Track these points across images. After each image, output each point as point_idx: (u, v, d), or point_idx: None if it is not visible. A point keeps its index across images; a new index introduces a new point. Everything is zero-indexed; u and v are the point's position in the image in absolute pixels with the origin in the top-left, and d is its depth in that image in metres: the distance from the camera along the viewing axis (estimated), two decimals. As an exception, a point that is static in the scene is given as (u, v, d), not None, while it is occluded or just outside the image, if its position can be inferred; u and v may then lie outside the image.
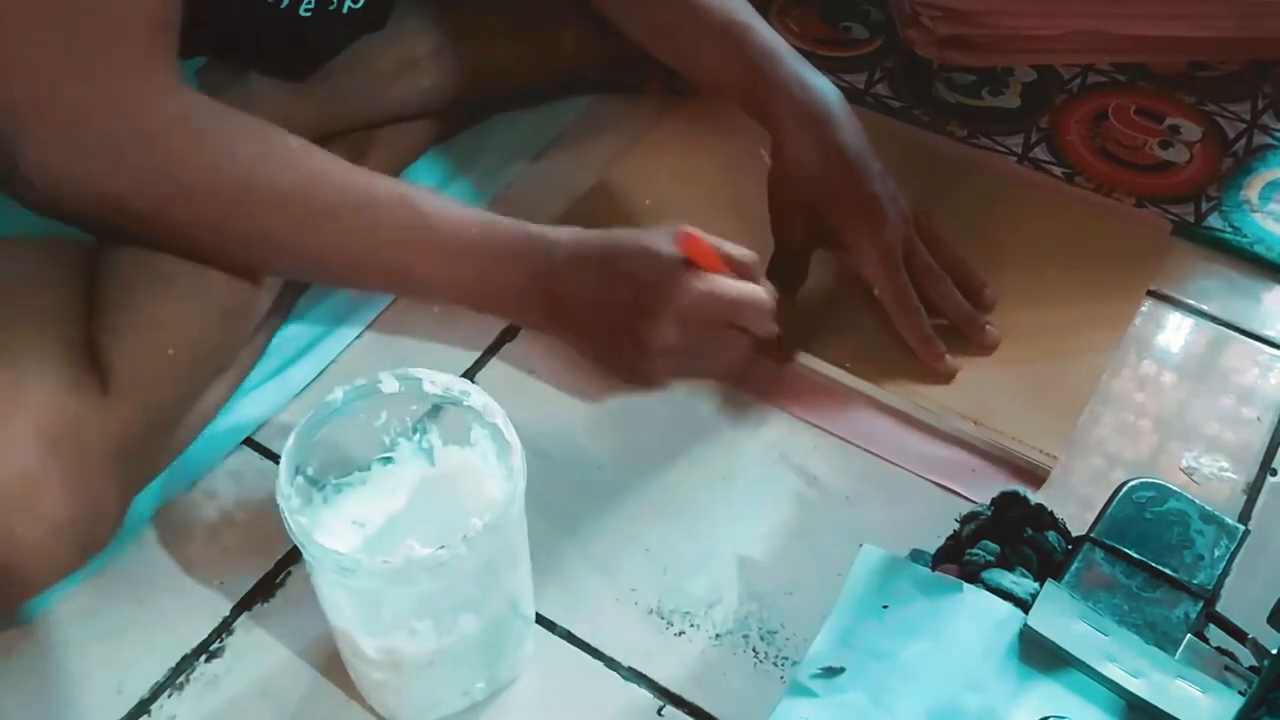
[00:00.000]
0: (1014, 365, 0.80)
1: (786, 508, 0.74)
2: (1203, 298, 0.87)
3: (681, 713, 0.66)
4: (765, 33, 0.79)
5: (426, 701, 0.64)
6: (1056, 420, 0.78)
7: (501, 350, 0.82)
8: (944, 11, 0.99)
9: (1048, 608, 0.62)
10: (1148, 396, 0.81)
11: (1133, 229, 0.91)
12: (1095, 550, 0.64)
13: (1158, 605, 0.62)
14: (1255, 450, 0.78)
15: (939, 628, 0.63)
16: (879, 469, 0.76)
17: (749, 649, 0.68)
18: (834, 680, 0.62)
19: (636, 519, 0.74)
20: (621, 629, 0.69)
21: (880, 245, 0.77)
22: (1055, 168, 0.96)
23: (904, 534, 0.70)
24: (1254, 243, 0.90)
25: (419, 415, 0.64)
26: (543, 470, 0.75)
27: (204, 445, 0.75)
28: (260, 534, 0.72)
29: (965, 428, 0.77)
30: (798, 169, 0.77)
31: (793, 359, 0.81)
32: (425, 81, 0.89)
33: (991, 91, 1.02)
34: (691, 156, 0.93)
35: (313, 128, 0.82)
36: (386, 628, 0.59)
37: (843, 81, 1.01)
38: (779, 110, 0.77)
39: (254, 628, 0.69)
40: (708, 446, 0.77)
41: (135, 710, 0.65)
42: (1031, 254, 0.87)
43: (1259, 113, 1.01)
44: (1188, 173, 0.96)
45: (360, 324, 0.83)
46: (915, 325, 0.79)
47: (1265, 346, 0.84)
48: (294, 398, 0.79)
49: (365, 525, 0.62)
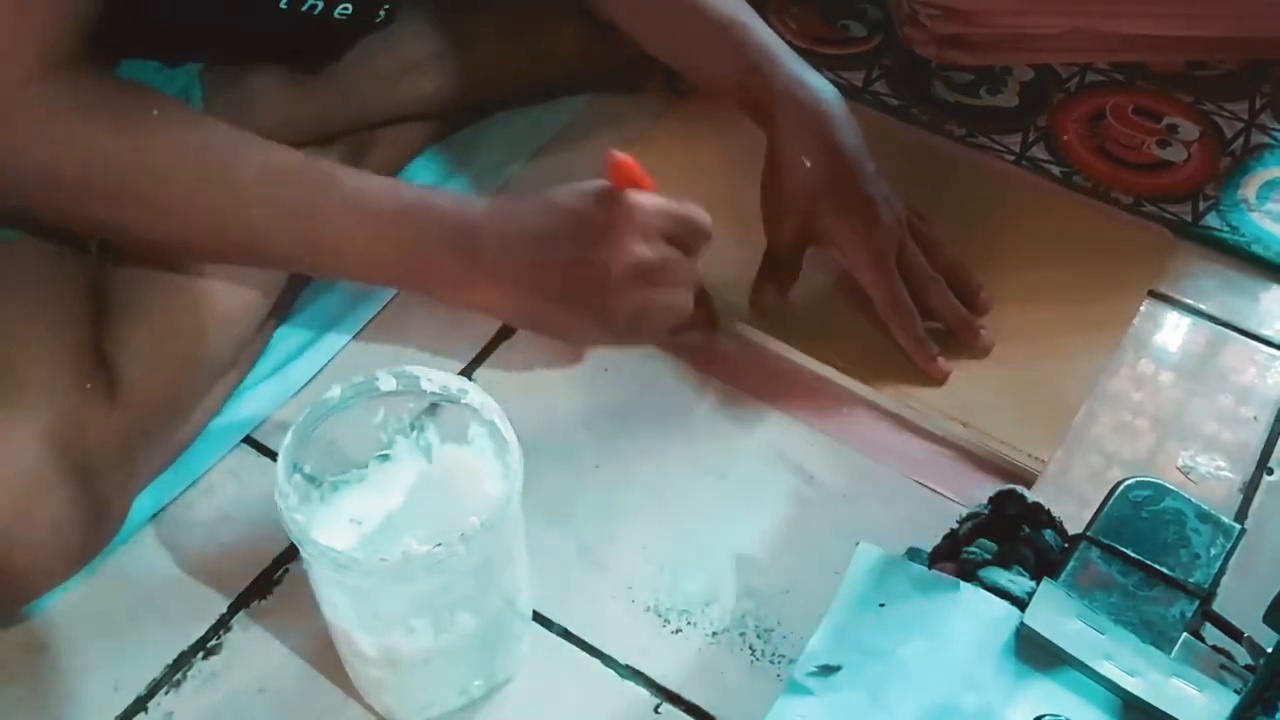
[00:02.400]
0: (1008, 367, 0.80)
1: (783, 506, 0.74)
2: (1200, 297, 0.87)
3: (678, 710, 0.66)
4: (763, 32, 0.79)
5: (424, 699, 0.64)
6: (1047, 424, 0.78)
7: (499, 349, 0.82)
8: (942, 10, 0.99)
9: (1044, 606, 0.62)
10: (1145, 395, 0.81)
11: (1132, 230, 0.91)
12: (1092, 549, 0.64)
13: (1154, 604, 0.62)
14: (1252, 449, 0.78)
15: (936, 626, 0.63)
16: (876, 468, 0.76)
17: (746, 647, 0.68)
18: (830, 678, 0.62)
19: (634, 517, 0.74)
20: (618, 627, 0.69)
21: (872, 247, 0.77)
22: (1053, 167, 0.96)
23: (901, 532, 0.70)
24: (1251, 242, 0.90)
25: (416, 413, 0.64)
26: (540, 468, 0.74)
27: (203, 443, 0.75)
28: (258, 531, 0.72)
29: (954, 429, 0.77)
30: (792, 168, 0.77)
31: (719, 326, 0.81)
32: (427, 83, 0.89)
33: (990, 90, 1.02)
34: (690, 156, 0.93)
35: (313, 128, 0.82)
36: (384, 625, 0.59)
37: (841, 79, 1.01)
38: (775, 109, 0.77)
39: (251, 625, 0.69)
40: (705, 445, 0.77)
41: (133, 707, 0.65)
42: (1029, 254, 0.87)
43: (1257, 112, 1.01)
44: (1185, 172, 0.96)
45: (359, 323, 0.83)
46: (907, 327, 0.79)
47: (1263, 346, 0.84)
48: (292, 396, 0.79)
49: (363, 523, 0.62)
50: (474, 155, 0.93)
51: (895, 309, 0.78)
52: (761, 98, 0.78)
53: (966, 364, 0.80)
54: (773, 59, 0.78)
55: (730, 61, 0.79)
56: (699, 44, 0.81)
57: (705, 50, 0.80)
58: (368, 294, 0.84)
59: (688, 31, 0.80)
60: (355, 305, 0.83)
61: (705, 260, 0.85)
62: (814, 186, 0.77)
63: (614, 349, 0.81)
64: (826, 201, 0.77)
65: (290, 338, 0.81)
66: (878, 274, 0.78)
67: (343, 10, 0.76)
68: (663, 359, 0.81)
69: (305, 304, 0.83)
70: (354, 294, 0.84)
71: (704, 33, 0.80)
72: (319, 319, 0.83)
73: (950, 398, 0.78)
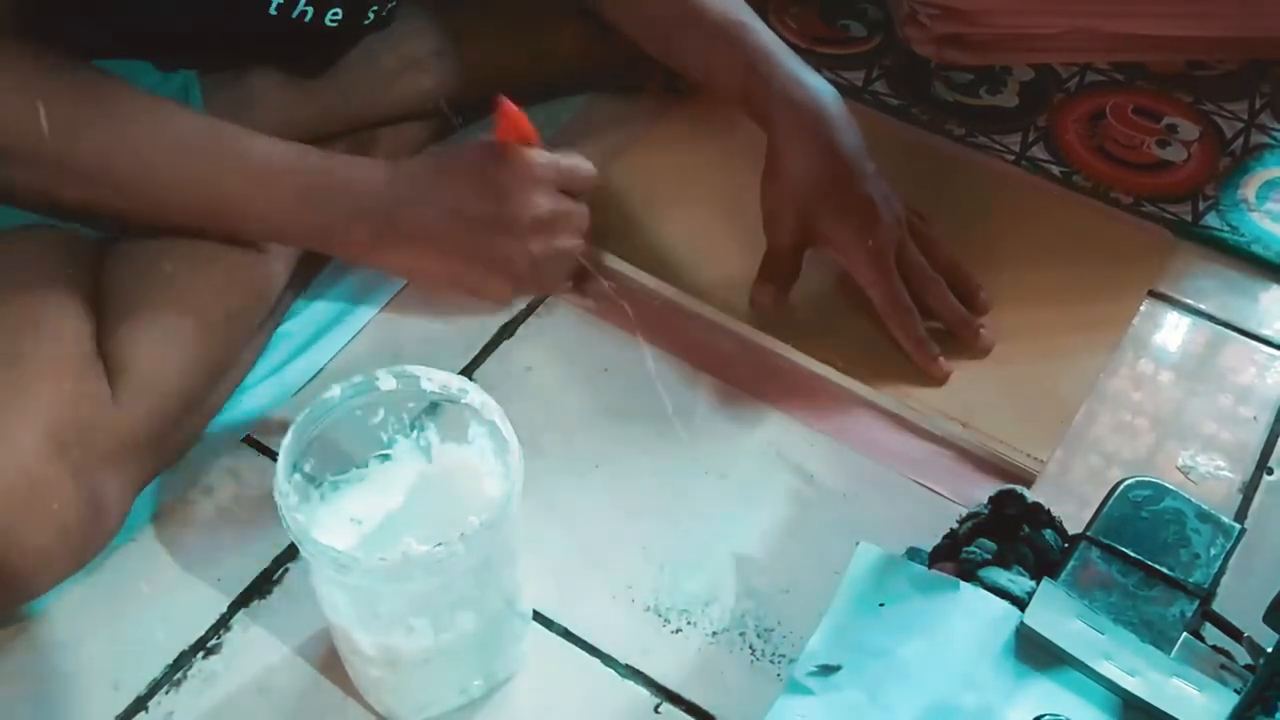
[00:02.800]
0: (1008, 367, 0.80)
1: (783, 506, 0.74)
2: (1200, 297, 0.87)
3: (678, 710, 0.66)
4: (763, 32, 0.79)
5: (423, 699, 0.64)
6: (1046, 424, 0.78)
7: (499, 348, 0.82)
8: (942, 10, 0.99)
9: (1044, 606, 0.62)
10: (1145, 395, 0.81)
11: (1132, 230, 0.91)
12: (1092, 549, 0.64)
13: (1154, 604, 0.63)
14: (1252, 449, 0.78)
15: (935, 626, 0.63)
16: (876, 467, 0.76)
17: (746, 646, 0.68)
18: (830, 678, 0.62)
19: (633, 516, 0.74)
20: (618, 626, 0.69)
21: (871, 246, 0.77)
22: (1053, 167, 0.96)
23: (901, 532, 0.70)
24: (1251, 242, 0.90)
25: (417, 413, 0.64)
26: (540, 468, 0.75)
27: (202, 442, 0.75)
28: (258, 531, 0.72)
29: (953, 429, 0.77)
30: (791, 168, 0.77)
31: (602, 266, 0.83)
32: (427, 81, 0.89)
33: (989, 90, 1.02)
34: (690, 155, 0.93)
35: (314, 127, 0.82)
36: (384, 625, 0.59)
37: (840, 79, 1.01)
38: (775, 109, 0.77)
39: (251, 625, 0.69)
40: (705, 444, 0.77)
41: (132, 707, 0.65)
42: (1029, 254, 0.87)
43: (1257, 112, 1.01)
44: (1185, 172, 0.96)
45: (359, 322, 0.83)
46: (907, 327, 0.79)
47: (1262, 345, 0.84)
48: (292, 395, 0.79)
49: (363, 522, 0.62)
50: (474, 155, 0.93)
51: (895, 309, 0.78)
52: (761, 98, 0.78)
53: (966, 364, 0.80)
54: (772, 59, 0.78)
55: (730, 62, 0.79)
56: (698, 44, 0.81)
57: (705, 51, 0.80)
58: (368, 294, 0.84)
59: (687, 32, 0.80)
60: (355, 305, 0.84)
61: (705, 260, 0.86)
62: (814, 187, 0.77)
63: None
64: (826, 202, 0.77)
65: (290, 337, 0.81)
66: (877, 274, 0.78)
67: (333, 16, 0.76)
68: (663, 359, 0.81)
69: (305, 304, 0.83)
70: (354, 294, 0.84)
71: (703, 33, 0.79)
72: (319, 318, 0.83)
73: (950, 398, 0.78)
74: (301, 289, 0.83)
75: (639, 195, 0.90)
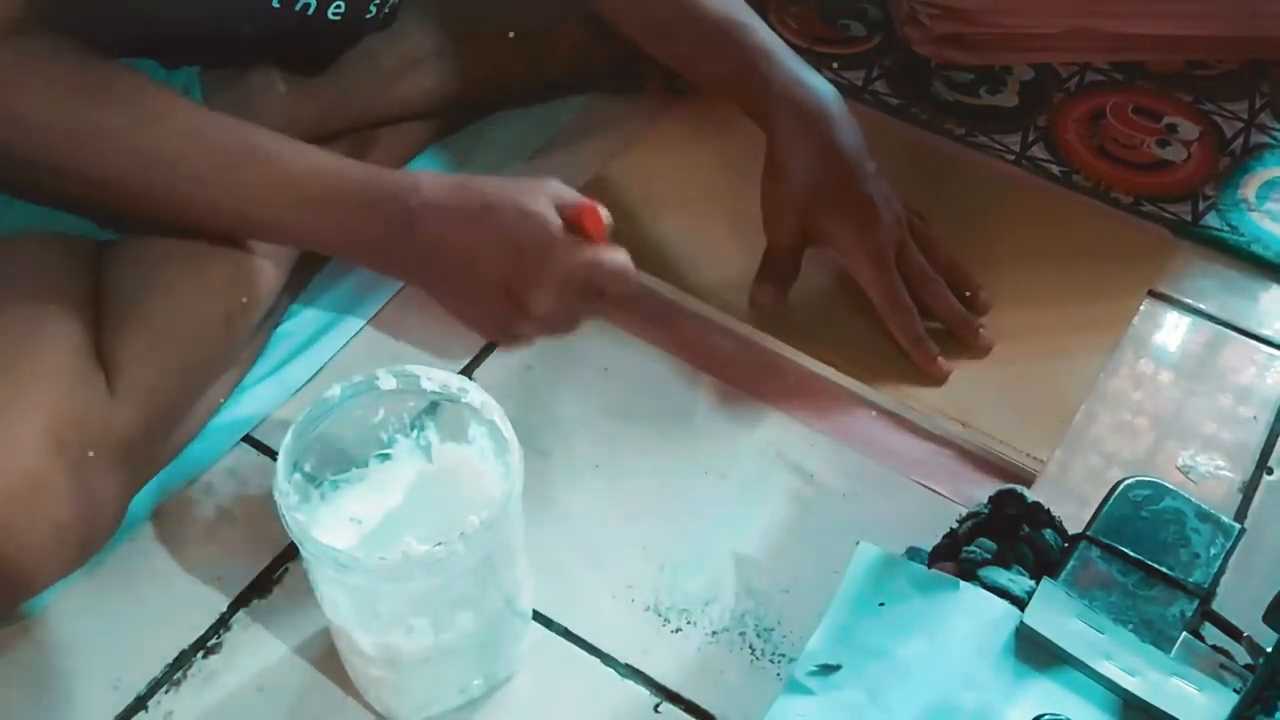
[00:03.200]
0: (1008, 367, 0.80)
1: (783, 505, 0.74)
2: (1200, 297, 0.87)
3: (678, 709, 0.66)
4: (763, 32, 0.79)
5: (423, 698, 0.64)
6: (1046, 424, 0.78)
7: (499, 347, 0.82)
8: (942, 10, 0.99)
9: (1044, 605, 0.62)
10: (1145, 395, 0.81)
11: (1132, 230, 0.91)
12: (1091, 548, 0.64)
13: (1154, 603, 0.63)
14: (1252, 449, 0.78)
15: (935, 625, 0.63)
16: (876, 467, 0.76)
17: (745, 646, 0.68)
18: (830, 678, 0.62)
19: (633, 516, 0.74)
20: (618, 626, 0.69)
21: (871, 246, 0.77)
22: (1053, 166, 0.96)
23: (901, 532, 0.70)
24: (1251, 241, 0.90)
25: (417, 412, 0.64)
26: (540, 467, 0.75)
27: (202, 442, 0.75)
28: (258, 530, 0.72)
29: (953, 429, 0.77)
30: (791, 168, 0.77)
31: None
32: (428, 81, 0.89)
33: (989, 90, 1.02)
34: (689, 155, 0.93)
35: (314, 126, 0.82)
36: (384, 624, 0.59)
37: (840, 79, 1.01)
38: (775, 109, 0.77)
39: (251, 624, 0.69)
40: (705, 444, 0.77)
41: (132, 706, 0.65)
42: (1029, 254, 0.87)
43: (1256, 112, 1.01)
44: (1185, 171, 0.96)
45: (359, 321, 0.83)
46: (906, 326, 0.79)
47: (1262, 345, 0.84)
48: (292, 395, 0.79)
49: (363, 522, 0.62)
50: (474, 155, 0.93)
51: (895, 308, 0.78)
52: (761, 98, 0.78)
53: (966, 364, 0.80)
54: (772, 59, 0.78)
55: (729, 62, 0.79)
56: (698, 44, 0.81)
57: (705, 50, 0.80)
58: (369, 294, 0.84)
59: (687, 32, 0.80)
60: (356, 305, 0.84)
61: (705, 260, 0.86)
62: (814, 186, 0.77)
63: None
64: (826, 201, 0.77)
65: (290, 337, 0.81)
66: (877, 273, 0.78)
67: (335, 9, 0.76)
68: (663, 360, 0.81)
69: (305, 303, 0.83)
70: (355, 293, 0.84)
71: (703, 33, 0.79)
72: (319, 318, 0.83)
73: (950, 398, 0.78)
74: (299, 290, 0.83)
75: (639, 195, 0.90)
